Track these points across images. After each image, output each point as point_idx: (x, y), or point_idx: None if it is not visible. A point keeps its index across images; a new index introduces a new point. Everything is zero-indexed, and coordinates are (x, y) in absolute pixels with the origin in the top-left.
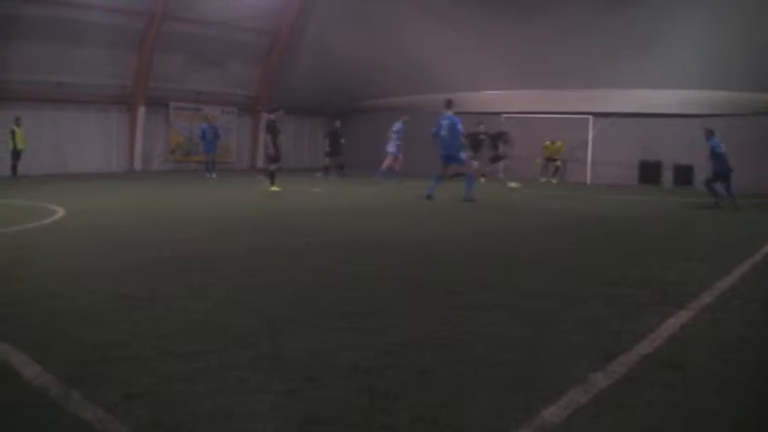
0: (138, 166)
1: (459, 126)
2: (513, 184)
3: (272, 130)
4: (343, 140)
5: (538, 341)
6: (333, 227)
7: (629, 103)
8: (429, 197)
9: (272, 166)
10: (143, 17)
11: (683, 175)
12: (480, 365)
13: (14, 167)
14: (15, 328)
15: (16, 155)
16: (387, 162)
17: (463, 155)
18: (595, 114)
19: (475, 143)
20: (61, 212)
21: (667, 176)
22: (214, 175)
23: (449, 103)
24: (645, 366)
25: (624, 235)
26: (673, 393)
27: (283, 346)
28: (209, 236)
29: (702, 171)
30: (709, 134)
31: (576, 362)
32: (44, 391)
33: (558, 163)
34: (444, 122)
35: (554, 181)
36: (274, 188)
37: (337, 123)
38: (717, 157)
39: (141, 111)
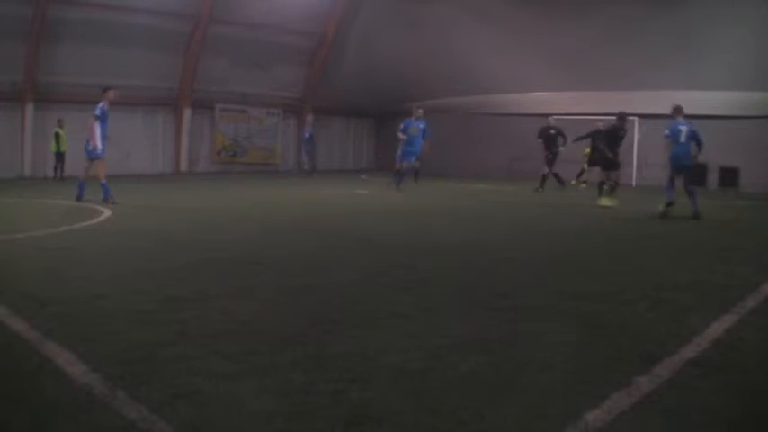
0: (183, 167)
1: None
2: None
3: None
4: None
5: (583, 344)
6: (379, 228)
7: None
8: (696, 216)
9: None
10: (189, 20)
11: (729, 176)
12: (525, 368)
13: (58, 169)
14: (62, 327)
15: (60, 157)
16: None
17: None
18: (641, 116)
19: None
20: (108, 213)
21: (712, 178)
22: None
23: (679, 110)
24: (689, 371)
25: (669, 237)
26: (716, 398)
27: (329, 346)
28: (255, 237)
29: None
30: None
31: (620, 365)
32: (89, 390)
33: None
34: (683, 128)
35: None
36: (606, 201)
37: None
38: None
39: (187, 113)
